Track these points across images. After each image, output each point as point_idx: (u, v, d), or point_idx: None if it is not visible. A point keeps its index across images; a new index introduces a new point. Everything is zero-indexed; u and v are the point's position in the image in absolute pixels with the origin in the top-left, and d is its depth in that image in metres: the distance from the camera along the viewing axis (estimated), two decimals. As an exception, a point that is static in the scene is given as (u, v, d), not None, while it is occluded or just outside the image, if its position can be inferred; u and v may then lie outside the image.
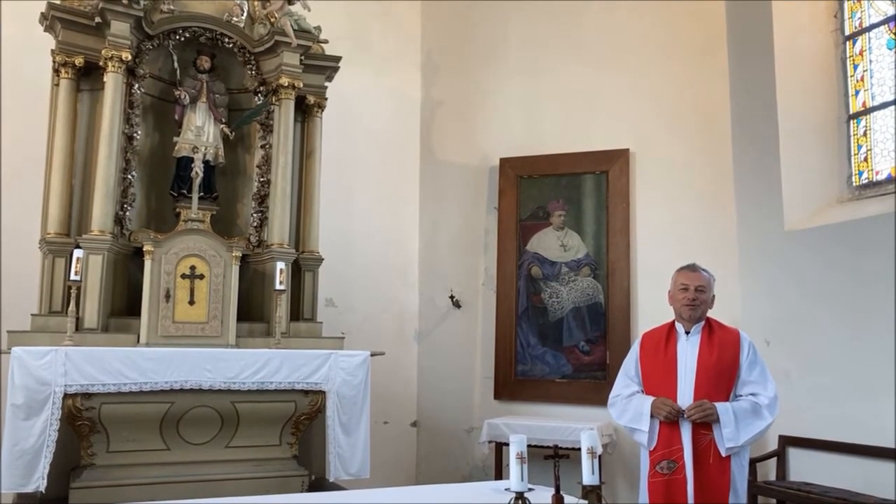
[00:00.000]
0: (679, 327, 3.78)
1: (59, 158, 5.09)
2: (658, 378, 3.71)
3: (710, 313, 3.83)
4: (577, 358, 6.42)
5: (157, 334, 4.87)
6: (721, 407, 3.48)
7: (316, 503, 3.69)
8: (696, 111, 6.32)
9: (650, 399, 3.66)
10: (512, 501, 2.69)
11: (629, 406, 3.75)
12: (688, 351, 3.67)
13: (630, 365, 3.93)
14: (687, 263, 3.89)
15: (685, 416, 3.51)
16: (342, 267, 6.72)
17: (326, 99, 6.08)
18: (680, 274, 3.84)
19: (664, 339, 3.77)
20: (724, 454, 3.46)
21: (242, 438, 4.93)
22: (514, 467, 2.68)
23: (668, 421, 3.55)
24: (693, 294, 3.70)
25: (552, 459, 2.93)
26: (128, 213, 5.32)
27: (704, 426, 3.50)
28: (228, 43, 5.67)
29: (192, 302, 5.00)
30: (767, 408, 3.50)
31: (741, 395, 3.59)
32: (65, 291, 4.90)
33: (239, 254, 5.20)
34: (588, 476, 2.78)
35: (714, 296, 3.82)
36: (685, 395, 3.58)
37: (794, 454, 5.36)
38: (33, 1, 5.38)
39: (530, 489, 2.73)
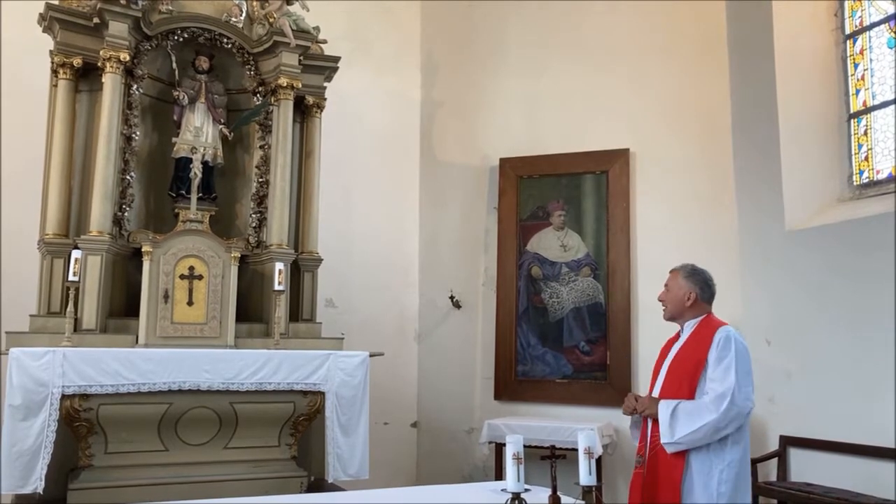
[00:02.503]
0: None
1: (58, 159, 5.10)
2: (652, 378, 3.72)
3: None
4: (578, 358, 6.40)
5: (155, 335, 4.87)
6: (663, 404, 3.41)
7: (314, 504, 3.69)
8: (696, 111, 6.30)
9: None
10: (508, 502, 2.68)
11: None
12: (674, 350, 3.63)
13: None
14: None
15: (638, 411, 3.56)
16: (342, 267, 6.72)
17: (325, 99, 6.07)
18: None
19: (673, 340, 3.76)
20: (667, 451, 3.36)
21: (241, 439, 4.92)
22: (510, 468, 2.67)
23: (629, 415, 3.62)
24: (662, 295, 3.73)
25: (550, 460, 2.93)
26: (126, 214, 5.32)
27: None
28: (227, 43, 5.67)
29: (190, 303, 5.00)
30: (711, 403, 3.30)
31: (706, 393, 3.44)
32: (63, 292, 4.91)
33: (238, 254, 5.20)
34: (585, 476, 2.77)
35: (692, 291, 3.62)
36: (656, 393, 3.56)
37: (794, 454, 5.34)
38: (33, 1, 5.38)
39: (527, 489, 2.72)
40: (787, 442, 5.38)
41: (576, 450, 2.87)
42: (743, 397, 3.30)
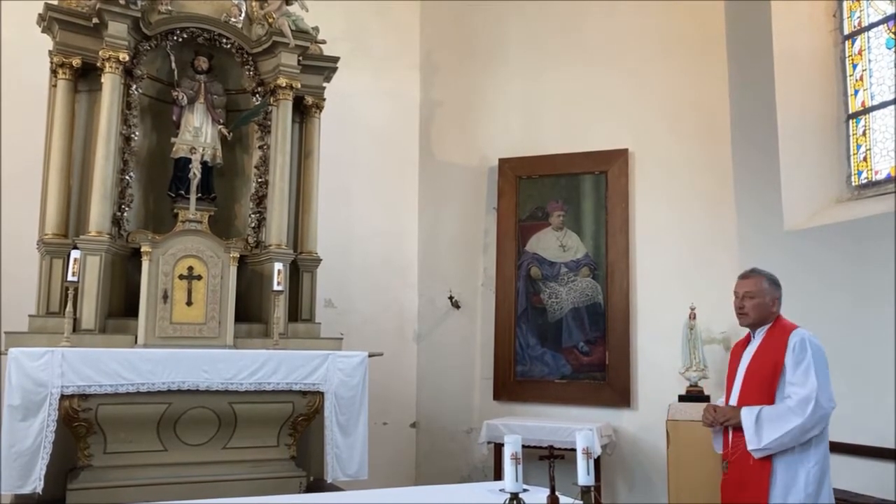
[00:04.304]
0: (750, 333, 3.79)
1: (57, 159, 5.10)
2: (727, 385, 3.79)
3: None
4: (577, 358, 6.40)
5: (154, 335, 4.87)
6: (745, 411, 3.47)
7: (313, 504, 3.69)
8: (695, 111, 6.30)
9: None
10: (507, 502, 2.68)
11: None
12: (747, 356, 3.67)
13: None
14: (747, 269, 3.86)
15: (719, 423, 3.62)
16: (341, 267, 6.72)
17: (325, 99, 6.08)
18: (736, 282, 3.81)
19: (742, 346, 3.80)
20: (755, 456, 3.43)
21: (240, 439, 4.92)
22: (508, 468, 2.67)
23: (708, 427, 3.68)
24: (740, 302, 3.71)
25: (548, 460, 2.93)
26: (125, 214, 5.32)
27: (742, 430, 3.50)
28: (226, 44, 5.68)
29: (189, 303, 5.00)
30: (797, 407, 3.37)
31: (788, 397, 3.49)
32: (62, 292, 4.91)
33: (237, 255, 5.20)
34: (583, 476, 2.77)
35: (776, 297, 3.72)
36: (734, 401, 3.63)
37: (793, 455, 5.33)
38: (32, 1, 5.38)
39: (525, 490, 2.72)
40: (786, 442, 5.36)
41: (574, 450, 2.87)
42: (826, 398, 3.38)
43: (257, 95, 5.79)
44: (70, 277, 4.72)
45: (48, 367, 4.28)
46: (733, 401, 3.63)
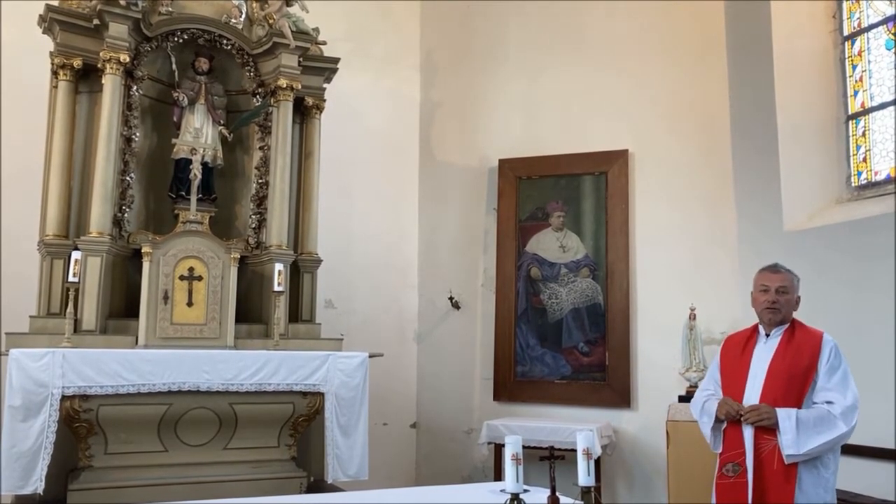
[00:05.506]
0: (761, 329, 3.62)
1: (58, 160, 5.10)
2: (730, 381, 3.58)
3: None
4: (577, 359, 6.41)
5: (155, 336, 4.88)
6: (783, 413, 3.29)
7: (313, 504, 3.69)
8: (695, 112, 6.30)
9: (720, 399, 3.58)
10: (507, 502, 2.68)
11: (699, 402, 3.69)
12: (763, 354, 3.50)
13: (713, 367, 3.81)
14: (769, 263, 3.68)
15: (742, 418, 3.39)
16: (342, 268, 6.72)
17: (325, 100, 6.08)
18: (761, 275, 3.62)
19: (744, 341, 3.62)
20: (786, 462, 3.26)
21: (240, 440, 4.92)
22: (509, 468, 2.67)
23: (729, 420, 3.46)
24: (773, 296, 3.50)
25: (548, 460, 2.93)
26: (126, 215, 5.33)
27: (769, 431, 3.33)
28: (227, 45, 5.68)
29: (190, 304, 5.01)
30: (841, 417, 3.23)
31: (817, 403, 3.36)
32: (63, 293, 4.91)
33: (237, 255, 5.21)
34: (584, 477, 2.78)
35: (799, 297, 3.60)
36: (751, 400, 3.43)
37: (793, 455, 5.34)
38: (33, 2, 5.39)
39: (526, 490, 2.72)
40: (786, 442, 5.36)
41: (575, 450, 2.88)
42: None
43: (258, 96, 5.80)
44: (71, 278, 4.73)
45: (49, 368, 4.28)
46: (751, 399, 3.42)
